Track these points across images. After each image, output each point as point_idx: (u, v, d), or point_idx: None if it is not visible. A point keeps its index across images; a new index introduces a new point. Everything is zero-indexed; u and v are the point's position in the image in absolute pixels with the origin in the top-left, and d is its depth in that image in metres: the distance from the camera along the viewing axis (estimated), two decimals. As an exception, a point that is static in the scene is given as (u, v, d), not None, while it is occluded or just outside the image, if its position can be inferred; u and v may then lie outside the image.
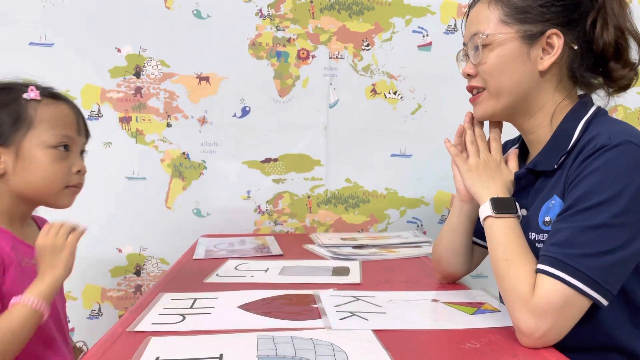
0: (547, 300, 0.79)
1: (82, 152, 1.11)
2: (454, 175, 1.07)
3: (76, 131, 1.08)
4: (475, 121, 1.07)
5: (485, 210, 0.94)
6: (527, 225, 0.95)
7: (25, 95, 1.03)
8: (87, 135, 1.12)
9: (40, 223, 1.16)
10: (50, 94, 1.06)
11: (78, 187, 1.09)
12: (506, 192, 0.97)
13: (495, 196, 0.95)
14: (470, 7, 1.04)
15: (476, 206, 1.01)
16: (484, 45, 0.97)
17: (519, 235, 0.90)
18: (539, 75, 0.96)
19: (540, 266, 0.83)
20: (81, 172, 1.08)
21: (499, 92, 0.98)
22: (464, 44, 1.03)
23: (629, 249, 0.82)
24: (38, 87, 1.06)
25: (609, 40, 0.94)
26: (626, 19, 0.96)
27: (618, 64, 0.97)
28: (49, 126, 1.03)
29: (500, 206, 0.93)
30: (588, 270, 0.79)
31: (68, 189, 1.07)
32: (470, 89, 1.03)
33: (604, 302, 0.81)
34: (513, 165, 1.04)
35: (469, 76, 1.02)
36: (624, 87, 1.00)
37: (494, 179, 0.99)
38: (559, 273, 0.80)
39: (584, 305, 0.81)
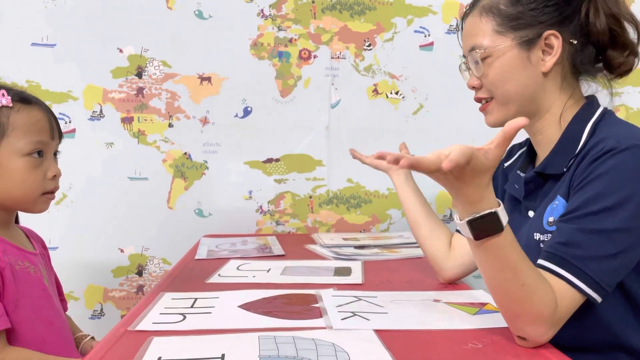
0: (568, 313, 0.80)
1: (55, 154, 1.10)
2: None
3: (49, 135, 1.06)
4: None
5: (467, 233, 0.76)
6: (532, 226, 0.95)
7: None
8: (60, 137, 1.10)
9: (26, 232, 1.16)
10: (21, 99, 1.04)
11: (54, 192, 1.08)
12: (480, 194, 0.74)
13: (471, 217, 0.74)
14: (463, 19, 1.03)
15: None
16: (484, 58, 0.96)
17: (517, 250, 0.77)
18: (542, 76, 0.96)
19: (552, 266, 0.81)
20: (56, 177, 1.07)
21: (507, 100, 0.97)
22: (464, 57, 1.03)
23: (633, 253, 0.82)
24: (9, 92, 1.03)
25: (601, 28, 0.93)
26: (617, 3, 0.95)
27: (616, 50, 0.96)
28: (22, 133, 1.02)
29: (479, 231, 0.74)
30: (593, 273, 0.80)
31: (44, 195, 1.06)
32: (478, 100, 1.03)
33: (598, 299, 0.81)
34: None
35: (474, 88, 1.02)
36: (624, 73, 0.98)
37: (461, 181, 0.74)
38: (571, 277, 0.79)
39: (580, 303, 0.82)
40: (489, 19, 0.96)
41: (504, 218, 0.74)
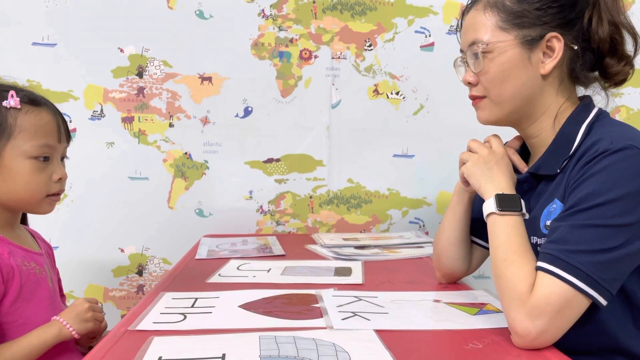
0: (545, 300, 0.79)
1: (63, 157, 1.09)
2: (459, 164, 1.06)
3: (57, 139, 1.05)
4: None
5: (489, 206, 0.92)
6: (529, 229, 0.94)
7: (4, 103, 1.00)
8: (68, 139, 1.09)
9: (32, 232, 1.16)
10: (30, 100, 1.03)
11: (59, 194, 1.07)
12: (512, 184, 0.95)
13: (501, 192, 0.93)
14: (464, 13, 1.02)
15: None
16: (484, 54, 0.96)
17: (521, 234, 0.89)
18: (541, 78, 0.95)
19: (538, 263, 0.83)
20: (62, 180, 1.07)
21: (501, 99, 0.97)
22: (462, 51, 1.02)
23: (626, 249, 0.81)
24: (17, 93, 1.02)
25: (604, 35, 0.93)
26: (619, 12, 0.95)
27: (613, 59, 0.96)
28: (29, 136, 1.01)
29: (504, 203, 0.91)
30: (583, 266, 0.79)
31: (49, 197, 1.05)
32: (472, 98, 1.02)
33: (603, 301, 0.80)
34: (517, 159, 1.03)
35: (469, 84, 1.01)
36: (620, 82, 0.99)
37: (499, 170, 0.97)
38: (555, 269, 0.80)
39: (582, 305, 0.80)
40: (493, 14, 0.95)
41: (524, 204, 0.92)
